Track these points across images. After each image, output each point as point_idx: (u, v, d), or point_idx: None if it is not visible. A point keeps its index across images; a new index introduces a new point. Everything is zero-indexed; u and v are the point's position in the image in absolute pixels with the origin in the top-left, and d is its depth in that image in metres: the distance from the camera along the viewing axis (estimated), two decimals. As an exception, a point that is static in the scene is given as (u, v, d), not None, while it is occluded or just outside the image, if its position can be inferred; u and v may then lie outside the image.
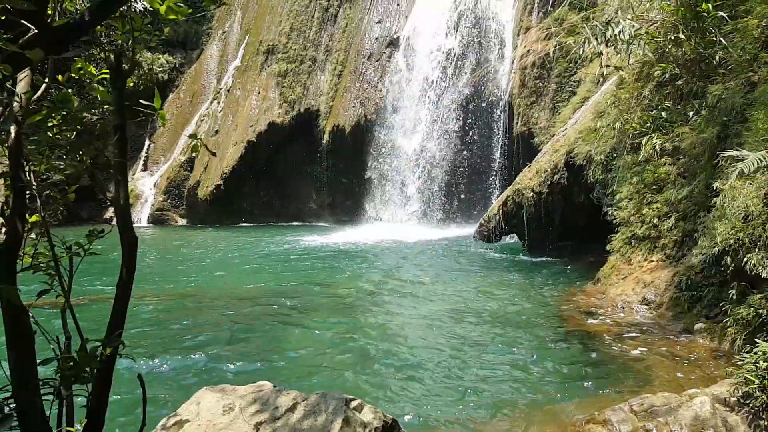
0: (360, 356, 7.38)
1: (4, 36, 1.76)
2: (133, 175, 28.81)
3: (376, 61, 25.80)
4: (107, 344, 2.33)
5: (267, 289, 11.78)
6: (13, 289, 2.05)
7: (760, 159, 6.33)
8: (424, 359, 7.23)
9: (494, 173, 22.61)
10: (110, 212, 26.39)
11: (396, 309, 9.88)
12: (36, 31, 1.82)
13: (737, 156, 6.79)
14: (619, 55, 10.70)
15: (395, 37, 25.74)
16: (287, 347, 7.87)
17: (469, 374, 6.69)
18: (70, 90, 2.39)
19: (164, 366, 7.06)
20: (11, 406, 2.16)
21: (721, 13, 8.94)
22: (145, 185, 28.47)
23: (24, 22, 1.80)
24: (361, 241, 19.27)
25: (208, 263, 15.39)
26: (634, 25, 9.68)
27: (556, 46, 18.17)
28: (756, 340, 5.34)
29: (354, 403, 3.79)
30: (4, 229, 2.14)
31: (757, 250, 6.52)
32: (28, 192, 2.29)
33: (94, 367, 2.27)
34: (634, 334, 7.92)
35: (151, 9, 2.30)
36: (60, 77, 2.45)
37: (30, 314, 2.16)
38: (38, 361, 2.20)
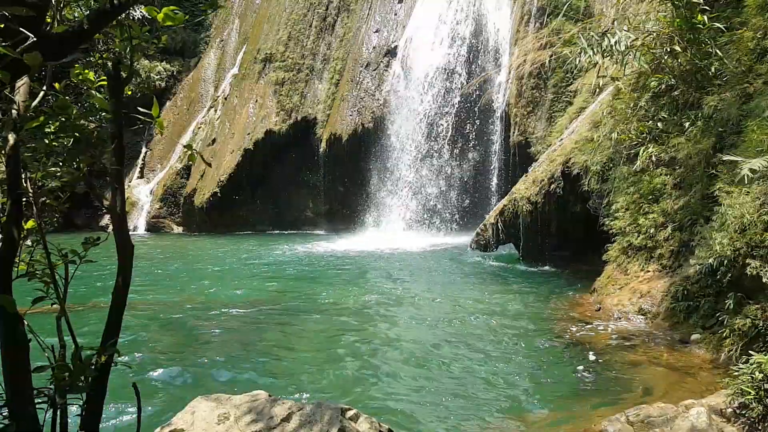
0: (355, 366, 7.35)
1: (3, 44, 1.76)
2: (130, 182, 28.76)
3: (374, 70, 25.89)
4: (102, 352, 2.32)
5: (262, 297, 11.74)
6: (7, 297, 2.04)
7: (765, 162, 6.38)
8: (419, 369, 7.21)
9: (491, 182, 22.66)
10: (106, 219, 26.32)
11: (392, 318, 9.86)
12: (35, 38, 1.82)
13: (737, 161, 6.83)
14: (615, 66, 10.77)
15: (393, 46, 25.84)
16: (282, 357, 7.84)
17: (464, 384, 6.67)
18: (67, 97, 2.39)
19: (159, 375, 7.02)
20: (4, 414, 2.14)
21: (717, 25, 9.01)
22: (142, 193, 28.41)
23: (23, 29, 1.80)
24: (358, 250, 19.26)
25: (203, 271, 15.34)
26: (630, 36, 9.75)
27: (552, 56, 18.28)
28: (751, 351, 5.35)
29: (350, 413, 3.77)
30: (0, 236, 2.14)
31: (755, 258, 6.53)
32: (24, 199, 2.28)
33: (88, 376, 2.25)
34: (630, 345, 7.91)
35: (149, 17, 2.31)
36: (57, 85, 2.45)
37: (25, 322, 2.15)
38: (32, 368, 2.19)
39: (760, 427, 4.53)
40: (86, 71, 2.56)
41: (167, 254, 19.22)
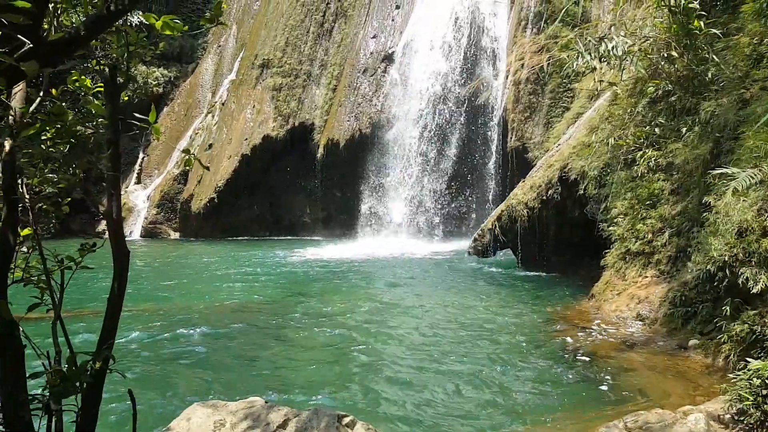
0: (351, 372, 7.33)
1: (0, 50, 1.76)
2: (127, 188, 28.74)
3: (371, 75, 25.96)
4: (97, 358, 2.30)
5: (258, 304, 11.72)
6: (3, 303, 2.03)
7: (751, 176, 6.38)
8: (416, 376, 7.19)
9: (489, 188, 22.70)
10: (102, 225, 26.27)
11: (388, 325, 9.84)
12: (31, 45, 1.82)
13: (729, 173, 6.84)
14: (612, 71, 10.80)
15: (390, 52, 25.92)
16: (278, 363, 7.81)
17: (461, 391, 6.65)
18: (64, 103, 2.39)
19: (154, 381, 6.99)
20: (0, 421, 2.13)
21: (714, 31, 9.05)
22: (138, 198, 28.40)
23: (19, 36, 1.80)
24: (355, 256, 19.24)
25: (199, 277, 15.31)
26: (627, 42, 9.78)
27: (549, 62, 18.35)
28: (749, 357, 5.34)
29: (346, 420, 3.76)
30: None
31: (752, 265, 6.54)
32: (20, 205, 2.28)
33: (83, 382, 2.24)
34: (628, 350, 7.90)
35: (147, 23, 2.31)
36: (54, 91, 2.45)
37: (20, 328, 2.14)
38: (28, 375, 2.17)
39: (758, 433, 4.53)
40: (83, 77, 2.56)
41: (163, 261, 19.18)
